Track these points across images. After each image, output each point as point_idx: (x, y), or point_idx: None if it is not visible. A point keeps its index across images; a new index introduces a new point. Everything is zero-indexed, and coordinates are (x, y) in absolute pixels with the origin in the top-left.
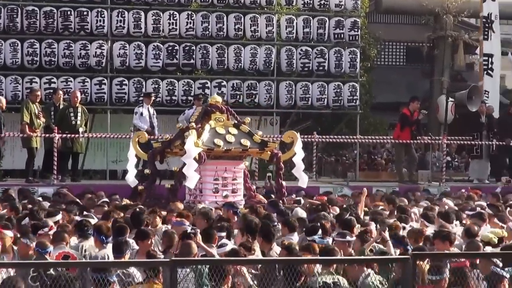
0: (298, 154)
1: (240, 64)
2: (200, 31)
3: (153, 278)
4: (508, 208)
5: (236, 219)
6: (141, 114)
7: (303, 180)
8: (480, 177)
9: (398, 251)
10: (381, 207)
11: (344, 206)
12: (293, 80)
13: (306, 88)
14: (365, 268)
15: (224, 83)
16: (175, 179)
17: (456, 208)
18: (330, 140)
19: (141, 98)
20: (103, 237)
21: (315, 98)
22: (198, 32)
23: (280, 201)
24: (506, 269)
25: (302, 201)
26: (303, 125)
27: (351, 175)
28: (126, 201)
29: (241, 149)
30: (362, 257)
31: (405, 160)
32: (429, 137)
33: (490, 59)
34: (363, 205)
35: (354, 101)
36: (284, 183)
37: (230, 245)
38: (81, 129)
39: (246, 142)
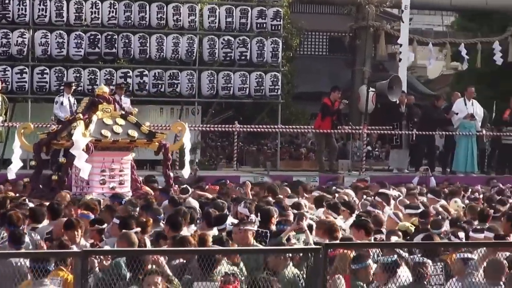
0: (187, 145)
1: (162, 54)
2: (123, 20)
3: (61, 265)
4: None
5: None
6: (62, 103)
7: (186, 171)
8: (399, 167)
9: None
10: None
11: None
12: (215, 70)
13: (228, 78)
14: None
15: (146, 72)
16: (61, 170)
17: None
18: (252, 129)
19: (62, 88)
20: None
21: (237, 87)
22: (120, 21)
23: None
24: (412, 256)
25: (190, 191)
26: (224, 115)
27: (272, 164)
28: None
29: (129, 140)
30: (269, 247)
31: (326, 150)
32: (350, 127)
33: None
34: (249, 196)
35: (276, 90)
36: (171, 174)
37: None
38: (0, 118)
39: (133, 133)
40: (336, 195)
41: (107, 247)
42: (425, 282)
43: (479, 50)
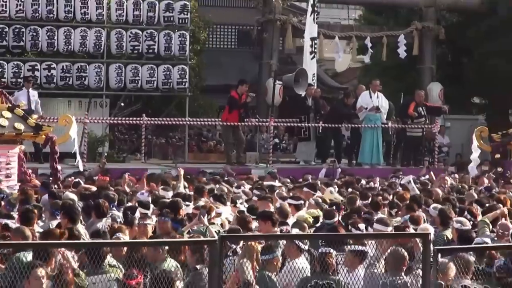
0: (74, 137)
1: (70, 47)
2: (30, 13)
3: None
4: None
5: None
6: None
7: (80, 163)
8: (306, 159)
9: None
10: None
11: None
12: (123, 63)
13: (136, 71)
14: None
15: (54, 65)
16: None
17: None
18: (160, 122)
19: None
20: None
21: (145, 80)
22: (28, 14)
23: (56, 185)
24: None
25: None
26: (133, 108)
27: (180, 156)
28: None
29: (15, 133)
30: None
31: (233, 142)
32: (257, 119)
33: (313, 42)
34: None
35: (184, 83)
36: (59, 166)
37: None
38: None
39: (20, 126)
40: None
41: None
42: (330, 273)
43: (385, 43)
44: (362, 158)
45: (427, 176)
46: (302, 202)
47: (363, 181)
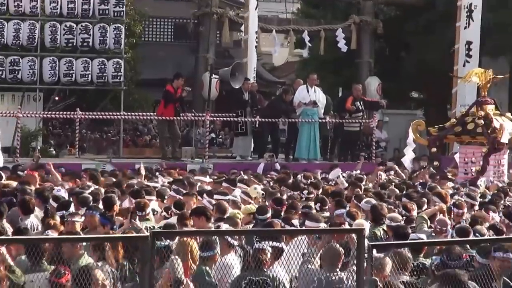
0: None
1: (3, 40)
2: None
3: None
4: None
5: None
6: None
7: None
8: (243, 154)
9: None
10: None
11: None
12: (57, 56)
13: (70, 64)
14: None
15: None
16: None
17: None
18: (94, 116)
19: None
20: None
21: (79, 74)
22: None
23: None
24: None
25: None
26: (67, 102)
27: (114, 151)
28: None
29: None
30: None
31: (169, 137)
32: (193, 114)
33: (256, 34)
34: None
35: (119, 77)
36: None
37: None
38: None
39: None
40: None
41: None
42: (265, 269)
43: (323, 37)
44: (299, 153)
45: (357, 171)
46: (229, 197)
47: (299, 176)
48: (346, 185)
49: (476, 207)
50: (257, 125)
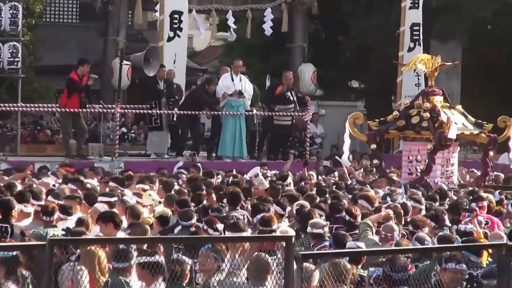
0: None
1: None
2: None
3: None
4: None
5: None
6: None
7: None
8: (158, 151)
9: None
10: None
11: None
12: None
13: None
14: None
15: None
16: None
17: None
18: None
19: None
20: None
21: None
22: None
23: None
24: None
25: None
26: None
27: (11, 148)
28: None
29: None
30: None
31: (74, 132)
32: (101, 106)
33: (179, 16)
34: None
35: (16, 63)
36: None
37: None
38: None
39: None
40: None
41: None
42: (184, 283)
43: (249, 18)
44: (223, 151)
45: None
46: (115, 199)
47: (220, 176)
48: (267, 185)
49: (423, 212)
50: (174, 119)
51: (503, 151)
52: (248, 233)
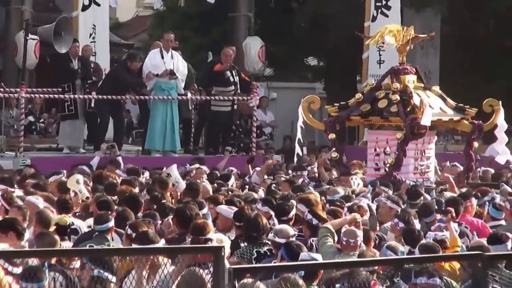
0: None
1: None
2: None
3: None
4: None
5: None
6: None
7: None
8: (72, 144)
9: None
10: None
11: None
12: None
13: None
14: None
15: None
16: None
17: None
18: None
19: None
20: None
21: None
22: None
23: None
24: None
25: None
26: None
27: None
28: None
29: None
30: None
31: None
32: (3, 89)
33: None
34: None
35: None
36: None
37: None
38: None
39: None
40: None
41: None
42: None
43: None
44: (151, 143)
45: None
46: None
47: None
48: (184, 186)
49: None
50: (91, 105)
51: (490, 142)
52: (160, 243)
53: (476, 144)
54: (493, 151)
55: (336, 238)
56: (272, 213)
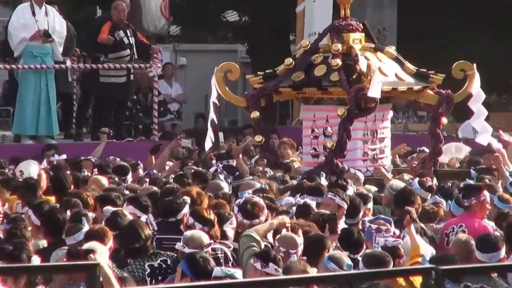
0: None
1: None
2: None
3: None
4: None
5: None
6: None
7: None
8: None
9: None
10: None
11: None
12: None
13: None
14: None
15: None
16: None
17: None
18: None
19: None
20: None
21: None
22: None
23: None
24: None
25: None
26: None
27: None
28: None
29: None
30: None
31: None
32: None
33: None
34: None
35: None
36: None
37: None
38: None
39: None
40: None
41: None
42: None
43: None
44: (20, 127)
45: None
46: None
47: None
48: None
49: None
50: None
51: (464, 117)
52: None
53: (444, 120)
54: (467, 130)
55: (262, 246)
56: (141, 213)
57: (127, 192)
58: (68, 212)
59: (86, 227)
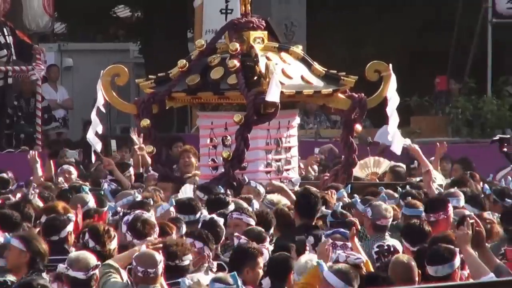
0: None
1: None
2: None
3: None
4: None
5: None
6: None
7: None
8: None
9: None
10: None
11: None
12: None
13: None
14: None
15: None
16: None
17: None
18: None
19: None
20: None
21: None
22: None
23: None
24: None
25: None
26: None
27: None
28: None
29: None
30: None
31: None
32: None
33: None
34: None
35: None
36: None
37: None
38: None
39: None
40: None
41: None
42: None
43: None
44: None
45: None
46: None
47: None
48: None
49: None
50: None
51: (382, 123)
52: None
53: (359, 127)
54: (384, 137)
55: (123, 274)
56: None
57: None
58: None
59: None
